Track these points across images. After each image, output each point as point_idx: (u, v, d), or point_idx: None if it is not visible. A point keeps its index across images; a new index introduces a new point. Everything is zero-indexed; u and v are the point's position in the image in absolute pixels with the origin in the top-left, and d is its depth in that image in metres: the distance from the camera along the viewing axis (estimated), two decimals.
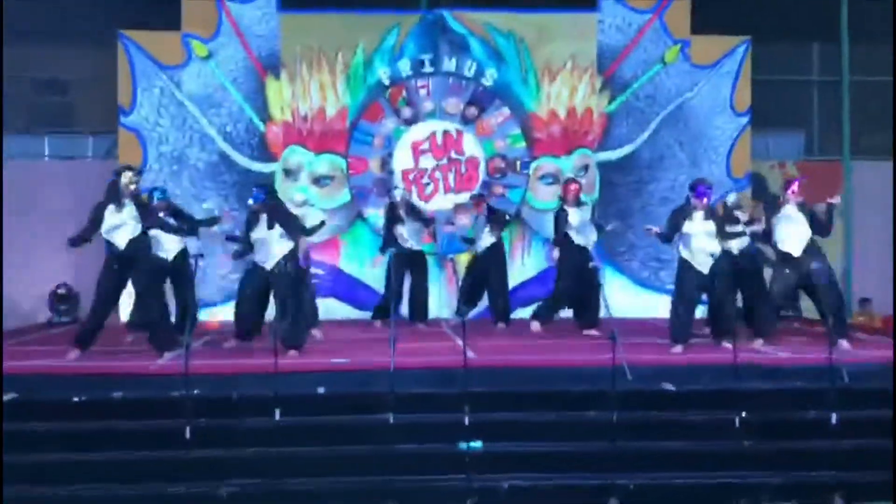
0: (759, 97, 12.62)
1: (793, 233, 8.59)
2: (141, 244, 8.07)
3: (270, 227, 8.28)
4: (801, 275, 8.59)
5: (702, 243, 8.47)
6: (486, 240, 10.80)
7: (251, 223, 8.44)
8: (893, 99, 12.39)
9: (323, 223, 9.87)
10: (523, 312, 11.96)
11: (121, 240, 7.95)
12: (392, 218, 10.59)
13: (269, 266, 8.33)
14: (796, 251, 8.57)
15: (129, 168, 8.26)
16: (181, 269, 9.16)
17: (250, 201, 8.49)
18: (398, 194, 10.84)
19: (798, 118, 13.62)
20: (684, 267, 8.58)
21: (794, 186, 8.70)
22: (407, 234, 10.48)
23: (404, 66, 12.24)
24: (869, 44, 13.14)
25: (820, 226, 8.63)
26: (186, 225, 9.22)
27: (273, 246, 8.31)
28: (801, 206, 8.62)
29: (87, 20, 11.98)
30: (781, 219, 8.65)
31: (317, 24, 12.20)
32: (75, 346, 8.01)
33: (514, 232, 12.28)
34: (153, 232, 8.45)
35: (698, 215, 8.48)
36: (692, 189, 8.60)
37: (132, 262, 7.99)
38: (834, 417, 6.53)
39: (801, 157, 13.38)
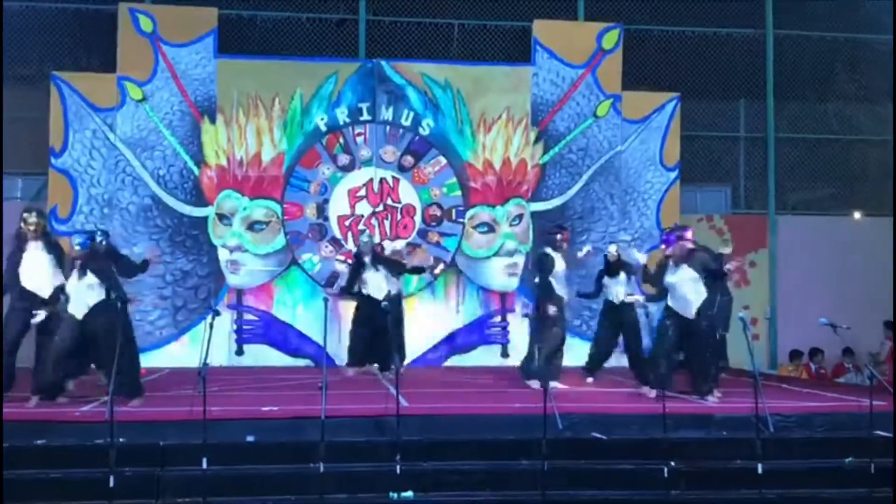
0: (687, 152, 12.99)
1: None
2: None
3: (82, 275, 7.88)
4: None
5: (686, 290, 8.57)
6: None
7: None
8: (893, 153, 12.74)
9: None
10: (458, 360, 12.07)
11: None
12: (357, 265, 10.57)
13: (80, 315, 7.90)
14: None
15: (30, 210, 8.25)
16: None
17: (77, 247, 7.93)
18: (364, 239, 10.76)
19: (725, 173, 13.97)
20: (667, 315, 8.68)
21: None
22: (370, 281, 10.42)
23: (342, 114, 12.30)
24: (793, 102, 13.61)
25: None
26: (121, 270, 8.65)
27: (85, 295, 7.89)
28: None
29: (20, 60, 11.84)
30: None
31: (254, 70, 12.21)
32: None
33: (449, 279, 12.36)
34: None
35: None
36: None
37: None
38: (760, 467, 6.63)
39: (729, 211, 13.70)
